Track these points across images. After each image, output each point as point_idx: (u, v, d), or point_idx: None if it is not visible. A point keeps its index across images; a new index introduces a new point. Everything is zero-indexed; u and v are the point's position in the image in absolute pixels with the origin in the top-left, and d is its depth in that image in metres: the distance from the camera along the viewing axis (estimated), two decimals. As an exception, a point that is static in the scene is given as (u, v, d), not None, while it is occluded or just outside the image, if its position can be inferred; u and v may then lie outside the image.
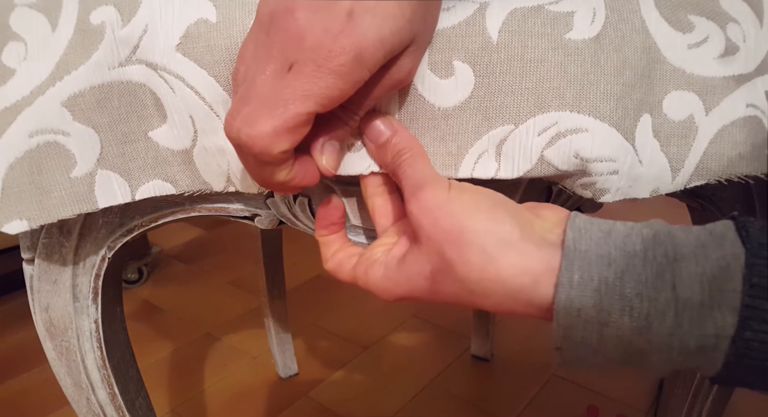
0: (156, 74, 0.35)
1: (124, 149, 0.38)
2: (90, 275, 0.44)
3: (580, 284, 0.28)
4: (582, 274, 0.28)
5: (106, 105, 0.36)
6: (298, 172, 0.32)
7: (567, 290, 0.28)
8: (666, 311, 0.27)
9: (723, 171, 0.37)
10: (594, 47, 0.34)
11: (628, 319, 0.27)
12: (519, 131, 0.35)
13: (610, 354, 0.29)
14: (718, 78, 0.36)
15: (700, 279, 0.27)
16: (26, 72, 0.35)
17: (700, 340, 0.27)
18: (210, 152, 0.37)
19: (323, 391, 1.12)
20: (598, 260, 0.28)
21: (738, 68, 0.36)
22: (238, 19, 0.34)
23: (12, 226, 0.36)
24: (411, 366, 1.19)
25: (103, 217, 0.42)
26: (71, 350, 0.46)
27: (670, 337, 0.27)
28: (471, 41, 0.34)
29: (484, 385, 1.13)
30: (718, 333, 0.26)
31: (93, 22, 0.35)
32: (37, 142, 0.36)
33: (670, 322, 0.27)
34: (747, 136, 0.37)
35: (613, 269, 0.28)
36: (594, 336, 0.28)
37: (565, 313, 0.29)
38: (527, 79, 0.34)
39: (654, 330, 0.27)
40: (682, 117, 0.36)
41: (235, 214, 0.43)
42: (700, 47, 0.36)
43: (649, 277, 0.28)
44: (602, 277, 0.28)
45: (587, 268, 0.28)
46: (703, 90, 0.36)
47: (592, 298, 0.28)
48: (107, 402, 0.49)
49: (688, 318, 0.27)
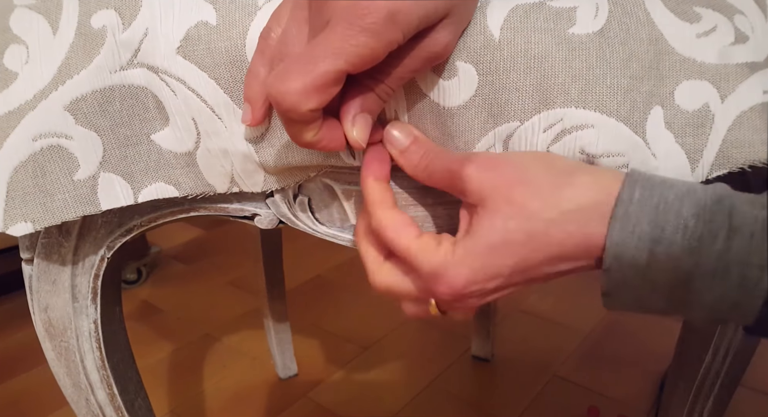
0: (157, 77, 0.36)
1: (127, 152, 0.38)
2: (89, 275, 0.45)
3: (640, 201, 0.29)
4: (643, 192, 0.29)
5: (108, 108, 0.37)
6: (325, 134, 0.32)
7: (626, 205, 0.29)
8: (718, 234, 0.28)
9: (746, 158, 0.36)
10: (599, 41, 0.34)
11: (681, 238, 0.28)
12: (524, 128, 0.35)
13: (657, 278, 0.29)
14: (731, 65, 0.35)
15: (754, 215, 0.28)
16: (29, 76, 0.36)
17: (744, 269, 0.27)
18: (213, 154, 0.38)
19: (323, 392, 1.12)
20: (662, 183, 0.30)
21: (750, 56, 0.36)
22: (238, 21, 0.35)
23: (17, 229, 0.37)
24: (411, 366, 1.19)
25: (103, 217, 0.43)
26: (70, 350, 0.46)
27: (718, 260, 0.28)
28: (473, 40, 0.34)
29: (484, 385, 1.13)
30: (762, 264, 0.27)
31: (94, 25, 0.35)
32: (40, 146, 0.36)
33: (720, 246, 0.28)
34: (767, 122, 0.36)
35: (674, 191, 0.29)
36: (644, 255, 0.29)
37: (620, 228, 0.29)
38: (531, 76, 0.34)
39: (704, 252, 0.28)
40: (696, 106, 0.36)
41: (234, 214, 0.43)
42: (710, 36, 0.35)
43: (708, 203, 0.28)
44: (663, 195, 0.29)
45: (649, 187, 0.29)
46: (717, 78, 0.36)
47: (648, 214, 0.29)
48: (106, 402, 0.49)
49: (737, 245, 0.27)
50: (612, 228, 0.29)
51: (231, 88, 0.35)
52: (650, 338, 1.21)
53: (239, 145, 0.37)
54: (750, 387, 1.09)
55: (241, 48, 0.35)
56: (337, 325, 1.32)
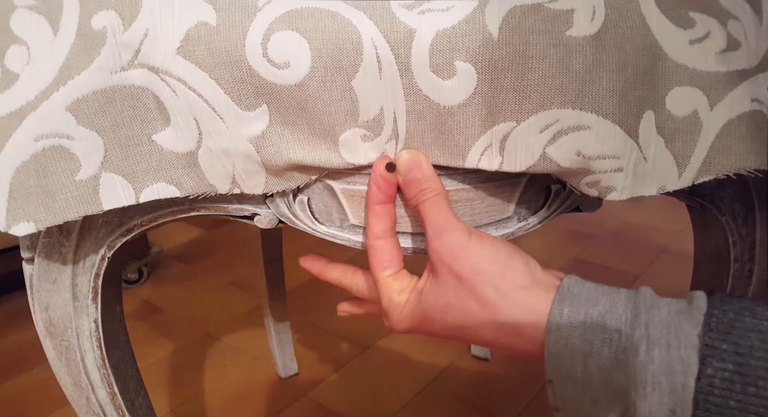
0: (158, 78, 0.36)
1: (128, 152, 0.39)
2: (90, 275, 0.45)
3: (569, 317, 0.33)
4: (571, 309, 0.34)
5: (109, 109, 0.37)
6: None
7: (557, 320, 0.33)
8: (639, 345, 0.31)
9: (731, 165, 0.38)
10: (595, 44, 0.34)
11: (608, 351, 0.32)
12: (521, 128, 0.36)
13: (595, 390, 0.33)
14: (721, 73, 0.36)
15: (668, 323, 0.31)
16: (30, 77, 0.36)
17: (670, 378, 0.30)
18: (215, 154, 0.38)
19: (323, 392, 1.13)
20: (587, 301, 0.34)
21: (741, 63, 0.36)
22: (238, 22, 0.35)
23: (19, 228, 0.37)
24: (411, 366, 1.19)
25: (103, 217, 0.43)
26: (71, 350, 0.47)
27: (644, 371, 0.31)
28: (472, 40, 0.34)
29: (484, 385, 1.13)
30: (685, 370, 0.30)
31: (95, 26, 0.36)
32: (42, 146, 0.37)
33: (643, 356, 0.31)
34: (754, 130, 0.37)
35: (598, 309, 0.33)
36: (579, 368, 0.33)
37: (555, 341, 0.33)
38: (529, 76, 0.34)
39: (630, 362, 0.31)
40: (686, 113, 0.37)
41: (234, 213, 0.44)
42: (702, 43, 0.36)
43: (627, 318, 0.32)
44: (588, 313, 0.33)
45: (576, 305, 0.34)
46: (707, 85, 0.36)
47: (577, 329, 0.33)
48: (107, 401, 0.49)
49: (658, 355, 0.31)
50: (547, 341, 0.34)
51: (231, 88, 0.36)
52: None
53: (240, 145, 0.38)
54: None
55: (240, 48, 0.35)
56: (337, 325, 1.33)
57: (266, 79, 0.35)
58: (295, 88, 0.35)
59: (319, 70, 0.35)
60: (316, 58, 0.35)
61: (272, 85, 0.35)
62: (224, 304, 1.45)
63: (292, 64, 0.35)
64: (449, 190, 0.40)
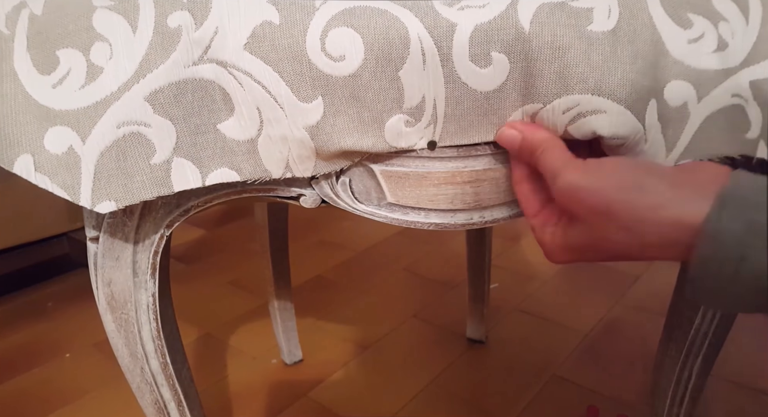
0: (226, 71, 0.41)
1: (196, 139, 0.43)
2: (149, 252, 0.49)
3: (729, 219, 0.31)
4: (733, 212, 0.32)
5: (182, 100, 0.42)
6: None
7: (714, 224, 0.32)
8: None
9: (709, 151, 0.45)
10: (612, 39, 0.40)
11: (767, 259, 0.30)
12: (546, 110, 0.42)
13: (742, 290, 0.32)
14: (710, 71, 0.43)
15: None
16: (113, 70, 0.41)
17: None
18: (273, 140, 0.43)
19: (323, 391, 1.14)
20: (754, 206, 0.31)
21: (727, 62, 0.43)
22: (299, 20, 0.40)
23: (102, 206, 0.42)
24: (411, 366, 1.20)
25: (162, 199, 0.47)
26: (129, 322, 0.51)
27: None
28: (506, 33, 0.40)
29: (484, 384, 1.15)
30: None
31: (170, 25, 0.41)
32: (123, 133, 0.41)
33: None
34: (730, 122, 0.44)
35: (764, 215, 0.31)
36: (729, 271, 0.31)
37: (709, 242, 0.32)
38: (555, 64, 0.41)
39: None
40: (678, 103, 0.44)
41: (282, 194, 0.48)
42: (698, 42, 0.43)
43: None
44: (753, 219, 0.31)
45: (739, 209, 0.32)
46: (698, 81, 0.44)
47: (737, 232, 0.31)
48: (158, 371, 0.54)
49: None
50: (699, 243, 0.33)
51: (292, 81, 0.41)
52: (650, 338, 1.21)
53: (296, 132, 0.43)
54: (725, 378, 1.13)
55: (302, 44, 0.40)
56: (337, 325, 1.34)
57: (324, 71, 0.41)
58: (349, 78, 0.41)
59: (371, 62, 0.41)
60: (368, 51, 0.41)
61: (329, 76, 0.41)
62: (224, 304, 1.46)
63: (347, 56, 0.41)
64: (477, 170, 0.46)
